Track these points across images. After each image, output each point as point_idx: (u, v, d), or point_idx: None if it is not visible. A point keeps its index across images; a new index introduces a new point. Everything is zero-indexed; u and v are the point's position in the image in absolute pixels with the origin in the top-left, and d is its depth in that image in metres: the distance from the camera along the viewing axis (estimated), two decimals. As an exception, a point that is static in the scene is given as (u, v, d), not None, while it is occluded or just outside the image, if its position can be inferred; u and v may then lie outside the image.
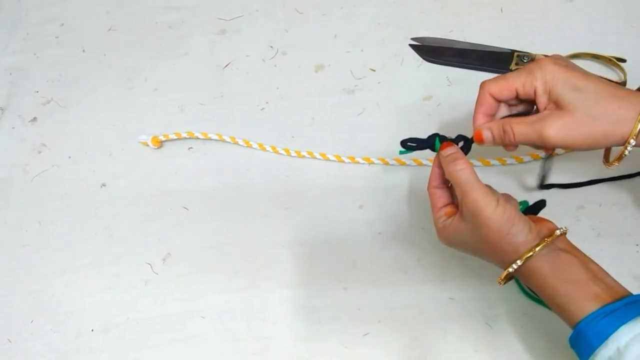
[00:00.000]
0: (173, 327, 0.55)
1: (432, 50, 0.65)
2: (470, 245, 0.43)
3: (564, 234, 0.42)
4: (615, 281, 0.39)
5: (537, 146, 0.44)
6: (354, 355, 0.52)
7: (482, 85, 0.45)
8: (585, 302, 0.38)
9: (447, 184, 0.46)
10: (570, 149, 0.42)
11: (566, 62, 0.42)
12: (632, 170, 0.55)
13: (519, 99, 0.44)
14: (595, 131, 0.40)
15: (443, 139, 0.46)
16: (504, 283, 0.44)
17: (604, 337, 0.36)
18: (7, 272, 0.59)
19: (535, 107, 0.44)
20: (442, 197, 0.46)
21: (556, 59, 0.42)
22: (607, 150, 0.45)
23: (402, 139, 0.47)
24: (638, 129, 0.39)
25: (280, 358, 0.53)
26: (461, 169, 0.42)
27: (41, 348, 0.55)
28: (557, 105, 0.41)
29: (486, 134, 0.44)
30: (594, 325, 0.37)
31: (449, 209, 0.45)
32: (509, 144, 0.44)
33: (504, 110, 0.46)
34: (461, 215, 0.43)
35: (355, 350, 0.52)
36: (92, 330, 0.56)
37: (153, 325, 0.55)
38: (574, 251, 0.41)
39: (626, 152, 0.41)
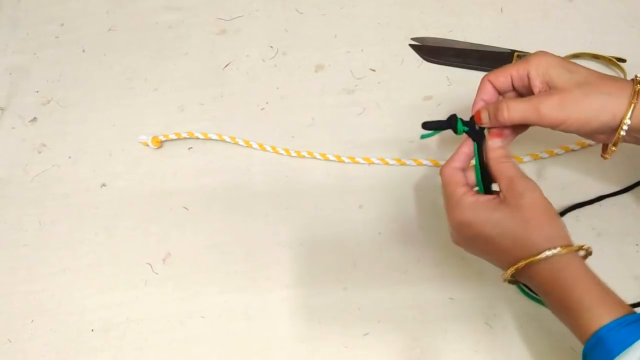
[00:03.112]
0: (173, 327, 0.55)
1: (432, 50, 0.65)
2: (497, 228, 0.42)
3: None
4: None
5: (531, 124, 0.45)
6: (354, 355, 0.52)
7: (483, 76, 0.47)
8: (613, 307, 0.38)
9: (465, 170, 0.47)
10: (564, 128, 0.43)
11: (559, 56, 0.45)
12: (634, 180, 0.55)
13: (516, 91, 0.46)
14: (588, 106, 0.42)
15: (462, 120, 0.47)
16: (509, 278, 0.42)
17: (625, 345, 0.36)
18: (7, 272, 0.59)
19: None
20: (463, 177, 0.46)
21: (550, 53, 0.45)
22: (605, 144, 0.45)
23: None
24: (632, 106, 0.41)
25: (280, 358, 0.53)
26: (509, 160, 0.44)
27: (41, 348, 0.55)
28: (551, 86, 0.43)
29: (483, 114, 0.46)
30: (615, 333, 0.36)
31: (471, 188, 0.45)
32: (503, 122, 0.44)
33: None
34: (503, 199, 0.43)
35: (355, 350, 0.52)
36: (92, 330, 0.56)
37: (153, 325, 0.55)
38: None
39: (622, 132, 0.42)
